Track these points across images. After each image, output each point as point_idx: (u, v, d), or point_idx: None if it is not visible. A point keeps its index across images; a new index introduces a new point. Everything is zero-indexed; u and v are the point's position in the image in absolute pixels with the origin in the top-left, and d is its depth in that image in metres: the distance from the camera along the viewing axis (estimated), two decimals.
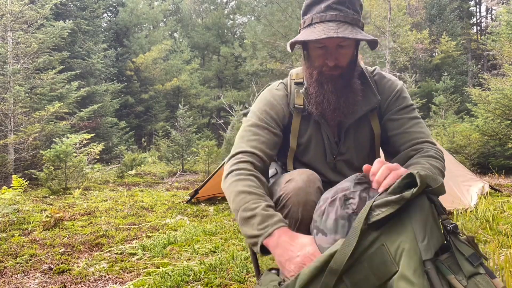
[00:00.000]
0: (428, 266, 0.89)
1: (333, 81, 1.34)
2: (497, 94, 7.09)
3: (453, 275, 0.89)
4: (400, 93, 1.46)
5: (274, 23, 14.77)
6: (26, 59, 7.28)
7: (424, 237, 0.91)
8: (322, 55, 1.32)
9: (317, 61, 1.35)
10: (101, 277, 2.25)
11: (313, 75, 1.37)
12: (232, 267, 2.32)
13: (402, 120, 1.42)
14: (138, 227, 3.57)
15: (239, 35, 27.42)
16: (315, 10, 1.29)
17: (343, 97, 1.35)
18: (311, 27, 1.28)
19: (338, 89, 1.35)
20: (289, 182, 1.28)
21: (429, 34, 19.42)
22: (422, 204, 0.94)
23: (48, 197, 5.25)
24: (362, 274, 0.94)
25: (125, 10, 20.76)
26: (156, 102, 19.76)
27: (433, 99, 14.57)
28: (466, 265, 0.91)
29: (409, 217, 0.94)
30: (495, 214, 3.32)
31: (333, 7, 1.26)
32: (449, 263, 0.91)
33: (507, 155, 6.93)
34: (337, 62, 1.32)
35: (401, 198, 0.93)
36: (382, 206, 0.95)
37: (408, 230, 0.92)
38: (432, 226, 0.93)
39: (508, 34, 8.27)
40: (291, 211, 1.25)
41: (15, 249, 2.80)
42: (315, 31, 1.25)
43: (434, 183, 0.95)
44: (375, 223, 0.95)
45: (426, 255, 0.89)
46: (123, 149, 10.17)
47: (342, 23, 1.24)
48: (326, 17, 1.26)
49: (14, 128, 6.67)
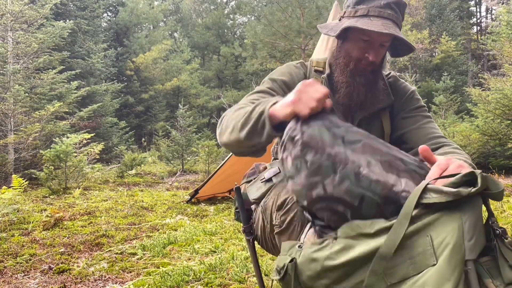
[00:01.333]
0: (469, 266, 0.87)
1: (365, 75, 1.37)
2: (497, 94, 7.09)
3: (491, 279, 0.88)
4: (413, 94, 1.51)
5: (274, 23, 14.76)
6: (26, 58, 7.28)
7: (472, 236, 0.88)
8: (364, 48, 1.33)
9: (356, 53, 1.35)
10: (101, 277, 2.25)
11: (349, 65, 1.37)
12: (232, 267, 2.32)
13: (417, 117, 1.44)
14: (138, 227, 3.57)
15: (239, 35, 27.43)
16: (373, 3, 1.29)
17: (370, 92, 1.39)
18: (366, 18, 1.28)
19: (368, 84, 1.38)
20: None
21: (429, 34, 19.41)
22: (475, 203, 0.91)
23: (48, 197, 5.25)
24: (399, 260, 0.91)
25: (125, 10, 20.76)
26: (156, 102, 19.75)
27: (433, 99, 14.56)
28: (507, 271, 0.89)
29: (461, 213, 0.91)
30: (495, 214, 3.31)
31: (392, 7, 1.29)
32: (489, 267, 0.89)
33: (507, 155, 6.93)
34: (375, 58, 1.34)
35: (457, 193, 0.89)
36: (434, 192, 0.92)
37: (457, 226, 0.90)
38: (481, 227, 0.91)
39: (508, 34, 8.27)
40: (297, 214, 1.20)
41: (15, 249, 2.80)
42: (373, 23, 1.25)
43: (494, 187, 0.92)
44: (425, 206, 0.91)
45: (470, 255, 0.87)
46: (123, 149, 10.17)
47: (395, 24, 1.29)
48: (384, 13, 1.28)
49: (14, 127, 6.67)
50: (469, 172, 0.92)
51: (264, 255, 2.52)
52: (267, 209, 1.35)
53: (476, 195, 0.92)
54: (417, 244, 0.91)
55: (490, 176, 0.93)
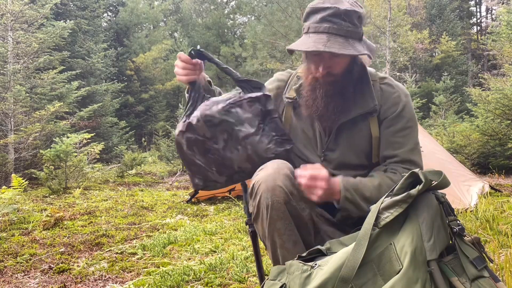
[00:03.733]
0: (432, 266, 0.88)
1: (325, 87, 1.41)
2: (497, 94, 7.09)
3: (457, 277, 0.89)
4: (402, 108, 1.46)
5: (274, 22, 14.77)
6: (26, 58, 7.27)
7: (430, 237, 0.90)
8: (317, 62, 1.38)
9: (311, 67, 1.41)
10: (101, 277, 2.26)
11: (308, 79, 1.44)
12: (232, 266, 2.32)
13: (390, 134, 1.46)
14: (138, 226, 3.57)
15: (239, 35, 27.41)
16: (312, 19, 1.34)
17: (332, 103, 1.41)
18: (306, 35, 1.34)
19: (328, 95, 1.40)
20: (261, 170, 1.35)
21: (429, 34, 19.42)
22: (430, 204, 0.94)
23: (48, 197, 5.25)
24: (370, 275, 0.94)
25: (125, 10, 20.76)
26: (156, 101, 19.74)
27: (433, 99, 14.56)
28: (470, 268, 0.91)
29: (417, 216, 0.93)
30: (495, 214, 3.32)
31: (327, 19, 1.30)
32: (453, 265, 0.91)
33: (507, 155, 6.93)
34: (330, 70, 1.37)
35: (408, 196, 0.93)
36: (390, 208, 0.96)
37: (415, 229, 0.92)
38: (439, 227, 0.92)
39: (508, 34, 8.27)
40: (262, 197, 1.31)
41: (15, 248, 2.80)
42: (308, 41, 1.31)
43: (437, 177, 0.96)
44: (386, 225, 0.96)
45: (431, 255, 0.89)
46: (123, 148, 10.16)
47: (334, 36, 1.28)
48: (319, 28, 1.30)
49: (14, 127, 6.67)
50: (410, 174, 0.97)
51: (264, 255, 2.52)
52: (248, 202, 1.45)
53: (429, 195, 0.95)
54: (383, 254, 0.95)
55: (429, 170, 0.97)
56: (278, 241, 1.36)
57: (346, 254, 0.97)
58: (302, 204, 1.39)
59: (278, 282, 1.10)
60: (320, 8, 1.33)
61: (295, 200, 1.36)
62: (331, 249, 1.08)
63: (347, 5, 1.32)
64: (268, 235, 1.37)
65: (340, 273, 0.95)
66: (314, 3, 1.37)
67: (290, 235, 1.36)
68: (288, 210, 1.34)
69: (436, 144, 5.12)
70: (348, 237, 1.07)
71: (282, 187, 1.31)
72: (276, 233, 1.35)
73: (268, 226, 1.36)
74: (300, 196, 1.39)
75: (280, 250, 1.36)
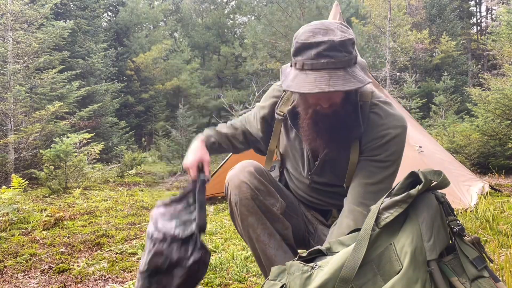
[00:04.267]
0: (432, 266, 0.89)
1: (327, 120, 1.33)
2: (497, 94, 7.09)
3: (457, 277, 0.89)
4: (385, 143, 1.36)
5: (274, 22, 14.77)
6: (26, 58, 7.27)
7: (430, 237, 0.91)
8: (316, 96, 1.29)
9: (311, 100, 1.32)
10: (101, 277, 2.26)
11: (308, 112, 1.35)
12: (232, 266, 2.32)
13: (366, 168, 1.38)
14: (138, 226, 3.57)
15: (239, 35, 27.40)
16: (306, 55, 1.22)
17: (335, 133, 1.35)
18: (302, 72, 1.23)
19: (332, 127, 1.34)
20: (231, 170, 1.46)
21: (429, 34, 19.42)
22: (430, 204, 0.94)
23: (48, 197, 5.25)
24: (370, 275, 0.94)
25: (125, 10, 20.75)
26: (156, 101, 19.73)
27: (433, 99, 14.57)
28: (470, 268, 0.91)
29: (417, 216, 0.94)
30: (495, 214, 3.32)
31: (324, 54, 1.19)
32: (453, 265, 0.91)
33: (507, 155, 6.93)
34: (331, 101, 1.30)
35: (408, 196, 0.94)
36: (390, 208, 0.96)
37: (415, 229, 0.92)
38: (439, 227, 0.93)
39: (508, 34, 8.27)
40: (231, 194, 1.41)
41: (15, 248, 2.80)
42: (307, 80, 1.20)
43: (437, 177, 0.96)
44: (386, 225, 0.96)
45: (430, 255, 0.89)
46: (123, 148, 10.16)
47: (334, 71, 1.19)
48: (317, 65, 1.20)
49: (14, 127, 6.67)
50: (409, 174, 0.97)
51: None
52: None
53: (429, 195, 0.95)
54: (383, 254, 0.96)
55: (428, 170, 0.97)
56: (253, 235, 1.40)
57: (346, 255, 0.97)
58: (271, 199, 1.42)
59: (279, 283, 1.10)
60: (313, 44, 1.21)
61: (262, 196, 1.40)
62: (331, 249, 1.09)
63: (339, 34, 1.22)
64: (243, 231, 1.43)
65: (340, 274, 0.95)
66: (304, 38, 1.24)
67: (264, 228, 1.40)
68: (256, 205, 1.39)
69: (436, 144, 5.12)
70: (348, 237, 1.07)
71: (247, 183, 1.38)
72: (250, 228, 1.40)
73: (241, 222, 1.42)
74: (267, 191, 1.42)
75: (257, 244, 1.40)
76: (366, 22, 18.54)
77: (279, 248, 1.40)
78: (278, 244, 1.40)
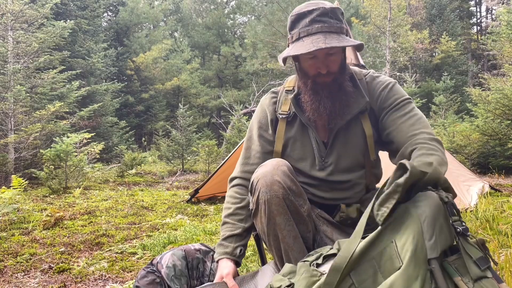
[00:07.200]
0: (432, 264, 0.89)
1: (327, 87, 1.42)
2: (497, 94, 7.09)
3: (460, 277, 0.89)
4: (389, 90, 1.48)
5: (274, 22, 14.77)
6: (26, 58, 7.28)
7: (431, 235, 0.91)
8: (314, 65, 1.39)
9: (310, 71, 1.42)
10: (101, 276, 2.26)
11: (308, 84, 1.44)
12: None
13: (396, 115, 1.44)
14: (138, 226, 3.57)
15: (239, 35, 27.42)
16: (301, 24, 1.35)
17: (337, 101, 1.42)
18: (299, 41, 1.35)
19: (332, 93, 1.41)
20: (260, 167, 1.42)
21: (429, 34, 19.43)
22: (432, 203, 0.94)
23: (48, 196, 5.25)
24: (371, 272, 0.95)
25: (126, 10, 20.76)
26: (156, 101, 19.75)
27: (433, 99, 14.56)
28: (473, 268, 0.91)
29: (419, 215, 0.94)
30: (495, 214, 3.32)
31: (318, 20, 1.33)
32: (457, 265, 0.91)
33: (507, 155, 6.93)
34: (329, 68, 1.39)
35: (397, 186, 0.93)
36: (385, 202, 0.96)
37: (416, 228, 0.92)
38: (441, 226, 0.92)
39: (508, 34, 8.26)
40: (261, 192, 1.37)
41: (15, 248, 2.80)
42: (304, 44, 1.31)
43: (427, 168, 0.96)
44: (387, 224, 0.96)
45: (431, 254, 0.89)
46: (123, 148, 10.17)
47: (328, 33, 1.32)
48: (312, 30, 1.33)
49: (14, 127, 6.67)
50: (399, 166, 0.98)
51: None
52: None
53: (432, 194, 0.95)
54: (385, 251, 0.96)
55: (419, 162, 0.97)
56: (279, 235, 1.39)
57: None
58: (300, 200, 1.41)
59: (287, 280, 1.12)
60: (306, 12, 1.35)
61: (293, 196, 1.38)
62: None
63: (329, 4, 1.36)
64: (268, 230, 1.40)
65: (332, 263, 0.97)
66: (297, 11, 1.38)
67: (290, 230, 1.39)
68: (286, 205, 1.37)
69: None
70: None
71: (281, 182, 1.35)
72: (277, 228, 1.38)
73: (267, 221, 1.39)
74: (298, 192, 1.41)
75: (282, 244, 1.39)
76: (366, 22, 18.54)
77: (300, 251, 1.40)
78: (300, 248, 1.41)
